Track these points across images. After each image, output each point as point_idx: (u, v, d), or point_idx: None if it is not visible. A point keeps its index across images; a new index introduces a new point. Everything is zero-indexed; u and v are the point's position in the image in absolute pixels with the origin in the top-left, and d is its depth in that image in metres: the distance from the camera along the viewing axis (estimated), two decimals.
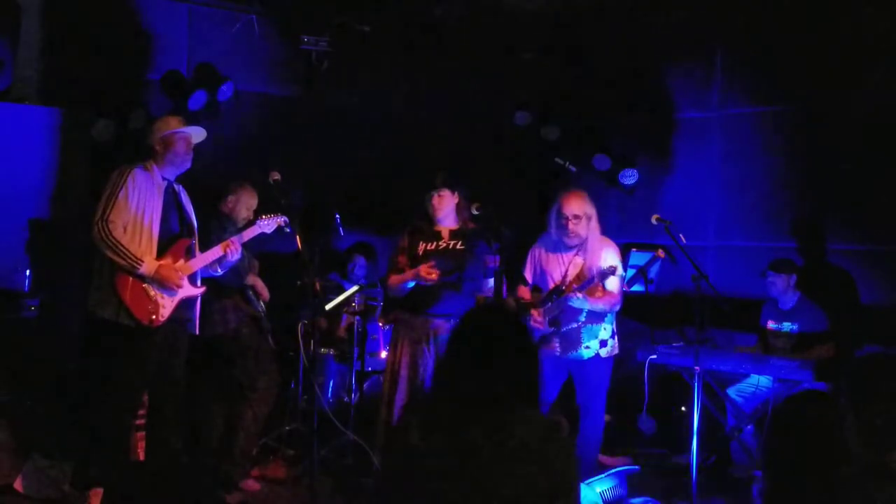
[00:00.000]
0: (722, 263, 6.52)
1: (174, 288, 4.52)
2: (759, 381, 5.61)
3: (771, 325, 5.81)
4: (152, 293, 4.47)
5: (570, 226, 5.06)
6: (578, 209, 5.07)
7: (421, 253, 4.85)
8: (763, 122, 6.50)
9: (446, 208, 4.91)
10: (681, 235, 5.23)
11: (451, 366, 2.45)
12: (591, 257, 5.05)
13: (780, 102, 6.37)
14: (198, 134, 4.76)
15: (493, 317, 2.56)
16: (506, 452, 2.24)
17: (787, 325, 5.71)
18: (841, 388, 2.60)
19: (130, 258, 4.38)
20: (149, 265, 4.43)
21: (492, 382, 2.34)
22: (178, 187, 4.76)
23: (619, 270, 5.07)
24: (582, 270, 5.05)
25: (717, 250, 6.69)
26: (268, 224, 5.02)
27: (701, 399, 5.00)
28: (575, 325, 5.08)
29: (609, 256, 5.04)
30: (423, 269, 4.72)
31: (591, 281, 4.92)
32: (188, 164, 4.71)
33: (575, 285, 4.97)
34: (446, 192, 4.90)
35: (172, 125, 4.69)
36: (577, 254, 5.11)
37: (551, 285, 5.15)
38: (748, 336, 6.09)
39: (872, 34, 5.79)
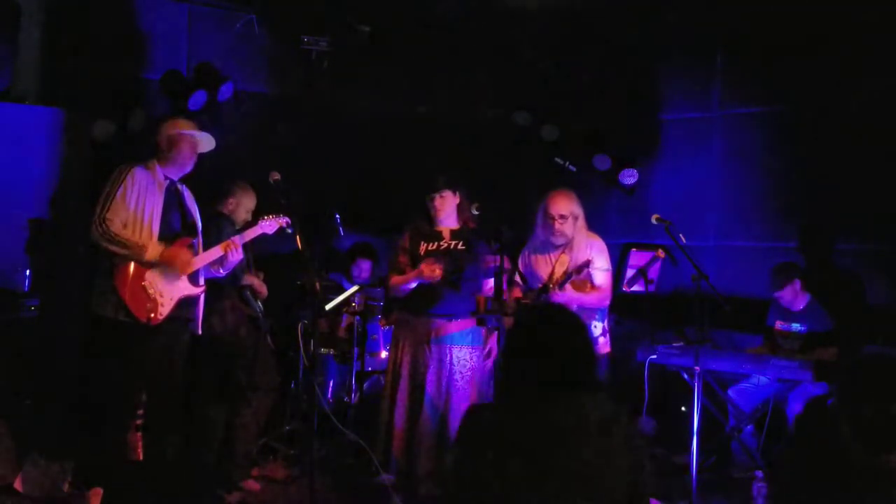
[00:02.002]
0: (722, 263, 6.51)
1: (184, 268, 4.51)
2: (760, 381, 5.61)
3: (779, 325, 5.80)
4: (151, 291, 4.46)
5: (557, 225, 5.06)
6: (565, 209, 5.07)
7: (422, 253, 4.85)
8: (763, 122, 6.50)
9: (448, 209, 4.91)
10: (681, 235, 5.23)
11: (516, 357, 2.56)
12: (576, 255, 5.06)
13: (780, 102, 6.37)
14: (205, 140, 4.76)
15: (548, 312, 2.70)
16: (588, 429, 2.37)
17: (795, 326, 5.71)
18: (840, 388, 2.59)
19: (133, 246, 4.37)
20: (153, 250, 4.42)
21: (558, 369, 2.46)
22: (182, 187, 4.76)
23: (603, 264, 5.08)
24: (568, 268, 5.06)
25: (717, 250, 6.68)
26: (269, 225, 4.99)
27: (701, 399, 4.99)
28: None
29: (592, 253, 5.05)
30: (425, 268, 4.71)
31: (570, 276, 4.92)
32: (189, 167, 4.70)
33: (555, 290, 4.97)
34: (448, 193, 4.89)
35: (181, 126, 4.69)
36: (563, 252, 5.12)
37: (539, 285, 5.15)
38: (748, 336, 6.09)
39: (872, 34, 5.79)
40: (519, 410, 2.43)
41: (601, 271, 5.06)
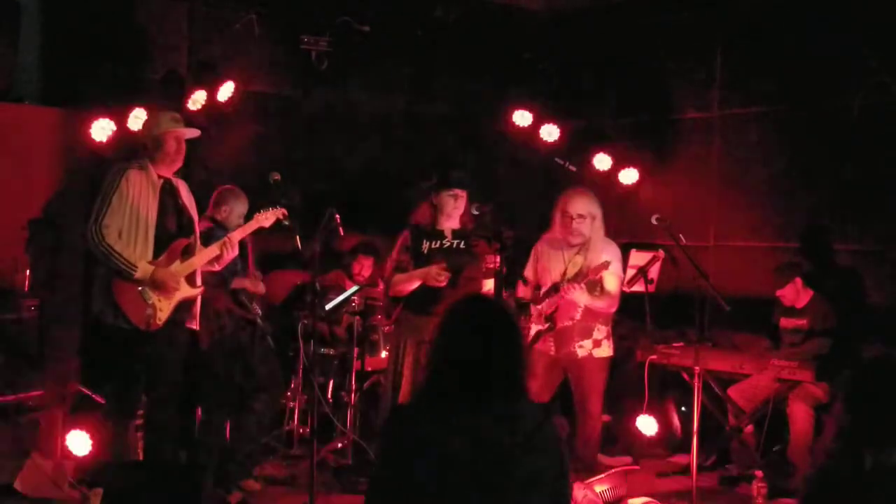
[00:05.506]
0: (722, 263, 6.51)
1: (171, 291, 4.50)
2: (759, 381, 5.61)
3: (783, 322, 5.80)
4: (149, 298, 4.45)
5: (575, 225, 5.04)
6: (584, 208, 5.05)
7: (425, 251, 4.82)
8: (763, 122, 6.50)
9: (462, 207, 4.86)
10: (681, 235, 5.22)
11: (443, 358, 2.45)
12: (591, 257, 5.04)
13: (780, 102, 6.36)
14: (187, 131, 4.71)
15: (477, 306, 2.56)
16: (516, 440, 2.28)
17: (798, 323, 5.70)
18: (842, 388, 2.59)
19: (124, 264, 4.37)
20: (143, 271, 4.41)
21: (484, 372, 2.34)
22: (178, 182, 4.72)
23: (616, 270, 5.06)
24: (581, 270, 5.04)
25: (717, 250, 6.68)
26: (266, 218, 4.86)
27: (701, 399, 4.99)
28: (569, 324, 5.08)
29: (607, 257, 5.03)
30: (435, 271, 4.68)
31: (584, 277, 4.91)
32: (180, 162, 4.67)
33: (571, 284, 4.96)
34: (464, 192, 4.85)
35: (163, 125, 4.65)
36: (577, 253, 5.10)
37: (550, 283, 5.14)
38: (749, 336, 6.09)
39: (872, 33, 5.79)
40: (446, 419, 2.31)
41: (614, 276, 5.04)
